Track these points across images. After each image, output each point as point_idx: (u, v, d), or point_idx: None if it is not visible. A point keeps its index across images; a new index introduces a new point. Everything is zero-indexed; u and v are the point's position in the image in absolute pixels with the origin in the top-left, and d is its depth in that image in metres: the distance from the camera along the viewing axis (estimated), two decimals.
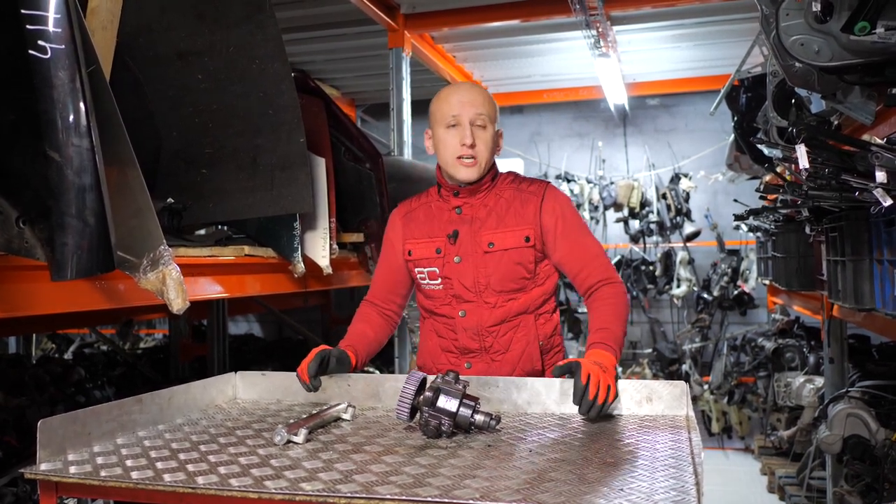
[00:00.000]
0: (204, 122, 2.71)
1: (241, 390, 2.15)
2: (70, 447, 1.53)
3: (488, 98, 2.17)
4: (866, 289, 2.30)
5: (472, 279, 2.12)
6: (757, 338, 5.96)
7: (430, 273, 2.18)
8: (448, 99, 2.14)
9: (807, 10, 2.05)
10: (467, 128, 2.10)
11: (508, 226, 2.12)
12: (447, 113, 2.12)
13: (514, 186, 2.18)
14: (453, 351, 2.19)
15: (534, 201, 2.13)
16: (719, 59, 6.20)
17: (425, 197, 2.28)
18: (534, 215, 2.12)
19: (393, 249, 2.27)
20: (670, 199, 7.06)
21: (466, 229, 2.14)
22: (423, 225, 2.22)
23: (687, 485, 1.26)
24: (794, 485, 4.71)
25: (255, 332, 8.05)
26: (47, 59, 1.44)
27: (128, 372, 4.96)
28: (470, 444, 1.60)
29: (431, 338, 2.25)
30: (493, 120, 2.16)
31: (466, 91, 2.16)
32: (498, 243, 2.11)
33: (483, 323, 2.13)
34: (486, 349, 2.14)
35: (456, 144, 2.10)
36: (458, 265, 2.13)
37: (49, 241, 1.49)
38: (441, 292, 2.17)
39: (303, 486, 1.29)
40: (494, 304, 2.12)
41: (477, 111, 2.11)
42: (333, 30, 5.23)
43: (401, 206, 2.33)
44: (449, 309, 2.17)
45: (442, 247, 2.16)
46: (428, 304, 2.23)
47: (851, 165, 1.89)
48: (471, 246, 2.13)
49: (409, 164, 4.53)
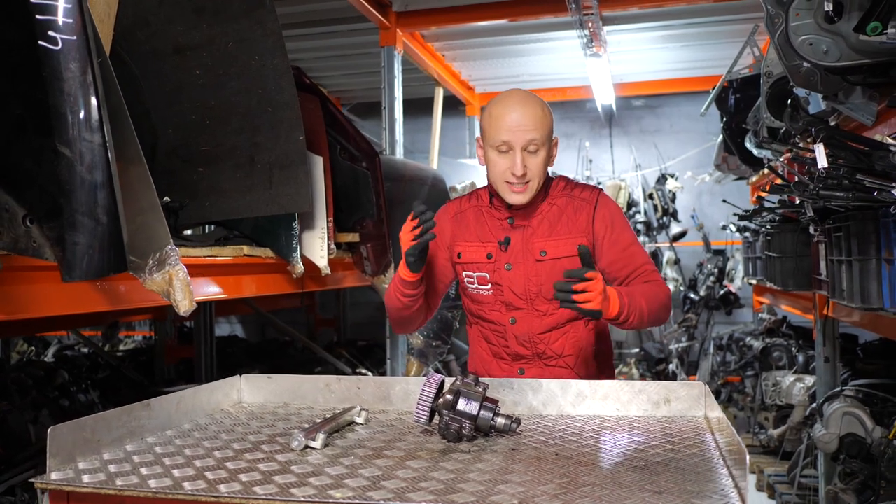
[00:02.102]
0: (201, 119, 2.66)
1: (246, 394, 2.09)
2: (80, 455, 1.47)
3: (543, 116, 2.02)
4: (873, 288, 2.30)
5: (524, 287, 2.08)
6: (744, 337, 5.98)
7: (479, 278, 2.12)
8: (499, 122, 2.00)
9: (817, 10, 2.05)
10: (518, 155, 1.98)
11: (561, 234, 2.07)
12: (497, 137, 2.00)
13: (567, 193, 2.12)
14: (505, 358, 2.15)
15: (586, 209, 2.08)
16: (705, 60, 6.24)
17: (475, 199, 2.20)
18: (587, 223, 2.07)
19: (440, 247, 2.18)
20: (657, 199, 7.09)
21: (518, 236, 2.09)
22: (474, 228, 2.15)
23: (727, 487, 1.24)
24: (784, 483, 4.73)
25: (238, 334, 7.96)
26: (58, 50, 1.39)
27: (112, 375, 4.86)
28: (493, 447, 1.57)
29: (480, 343, 2.21)
30: (548, 138, 2.04)
31: (519, 113, 1.99)
32: (550, 251, 2.06)
33: (533, 330, 2.09)
34: (538, 355, 2.11)
35: (505, 170, 2.01)
36: (509, 272, 2.08)
37: (59, 240, 1.43)
38: (491, 298, 2.12)
39: (332, 493, 1.25)
40: (545, 312, 2.08)
41: (529, 137, 1.98)
42: (322, 27, 5.19)
43: (450, 205, 2.25)
44: (499, 315, 2.12)
45: (493, 252, 2.11)
46: (475, 308, 2.17)
47: (868, 165, 1.88)
48: (522, 254, 2.08)
49: (402, 162, 4.50)
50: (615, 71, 6.33)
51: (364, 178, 3.43)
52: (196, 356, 5.10)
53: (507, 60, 6.20)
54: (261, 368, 5.15)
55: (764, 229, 4.17)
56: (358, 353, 6.13)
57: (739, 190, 6.58)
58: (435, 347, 4.52)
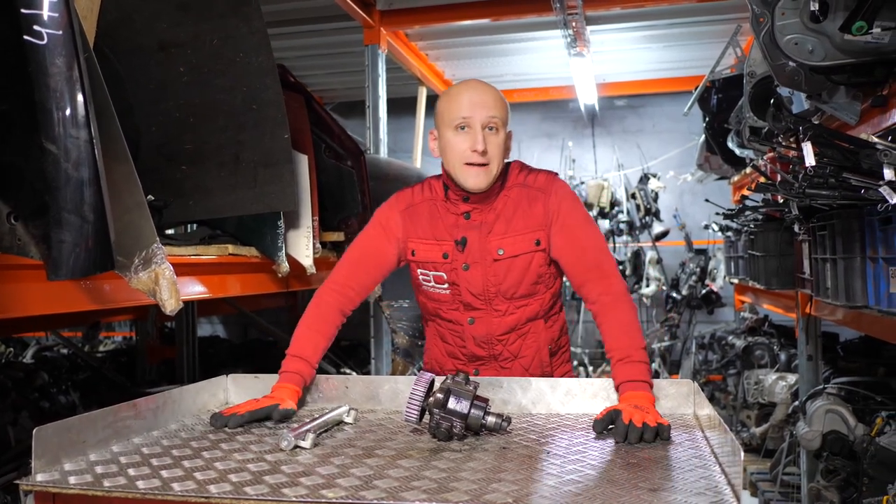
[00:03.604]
0: (185, 117, 2.62)
1: (233, 394, 2.07)
2: (65, 456, 1.44)
3: (501, 98, 2.01)
4: (858, 286, 2.32)
5: (482, 287, 2.02)
6: (727, 336, 6.03)
7: (436, 277, 2.06)
8: (458, 98, 1.97)
9: (803, 9, 2.06)
10: (479, 132, 1.94)
11: (517, 230, 2.01)
12: (457, 114, 1.96)
13: (521, 182, 2.05)
14: (460, 358, 2.11)
15: (541, 199, 2.01)
16: (688, 60, 6.27)
17: (428, 191, 2.11)
18: (542, 215, 2.00)
19: (385, 240, 2.09)
20: (639, 199, 7.13)
21: (475, 235, 2.02)
22: (427, 224, 2.07)
23: (720, 484, 1.24)
24: (767, 481, 4.77)
25: (220, 334, 7.89)
26: (43, 45, 1.36)
27: (92, 376, 4.80)
28: (484, 446, 1.56)
29: (436, 342, 2.17)
30: (506, 122, 2.01)
31: (479, 91, 1.98)
32: (508, 249, 2.00)
33: (493, 332, 2.05)
34: (494, 357, 2.08)
35: (465, 149, 1.95)
36: (467, 273, 2.02)
37: (45, 238, 1.41)
38: (448, 297, 2.06)
39: (324, 492, 1.24)
40: (505, 312, 2.04)
41: (490, 114, 1.95)
42: (305, 25, 5.16)
43: (400, 197, 2.14)
44: (457, 315, 2.07)
45: (450, 252, 2.03)
46: (432, 307, 2.12)
47: (854, 163, 1.90)
48: (480, 253, 2.01)
49: (386, 161, 4.48)
50: (598, 71, 6.34)
51: (349, 176, 3.41)
52: (178, 357, 5.06)
53: (491, 60, 6.20)
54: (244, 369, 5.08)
55: (747, 228, 4.19)
56: (342, 352, 6.09)
57: (721, 189, 6.64)
58: (420, 347, 4.51)
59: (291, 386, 1.89)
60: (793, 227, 3.22)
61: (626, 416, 1.60)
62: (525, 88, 7.00)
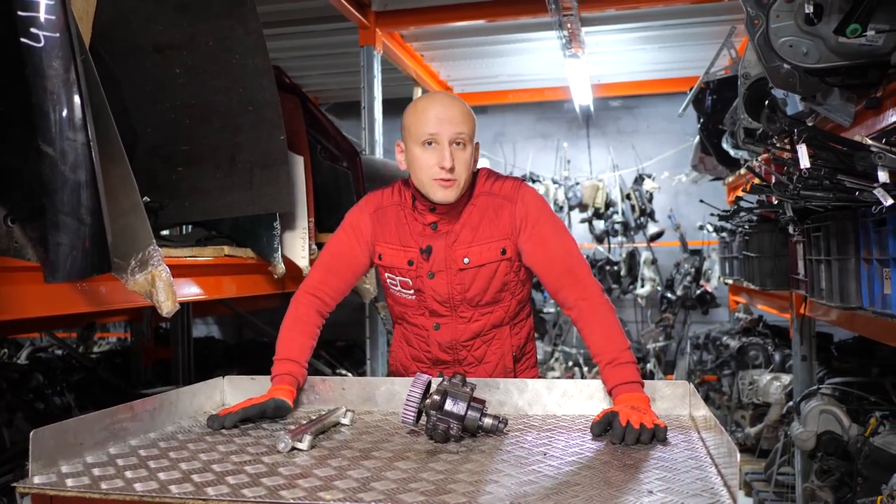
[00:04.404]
0: (181, 119, 2.63)
1: (229, 396, 2.07)
2: (62, 459, 1.44)
3: (468, 113, 1.96)
4: (852, 287, 2.33)
5: (447, 295, 2.01)
6: (721, 336, 6.04)
7: (402, 282, 2.05)
8: (425, 114, 1.93)
9: (797, 11, 2.07)
10: (446, 149, 1.90)
11: (483, 239, 1.99)
12: (423, 130, 1.92)
13: (487, 190, 2.02)
14: (424, 361, 2.12)
15: (507, 207, 1.99)
16: (682, 61, 6.29)
17: (398, 197, 2.08)
18: (508, 224, 1.98)
19: (356, 242, 2.08)
20: (634, 199, 7.15)
21: (441, 244, 2.00)
22: (395, 229, 2.05)
23: (716, 486, 1.25)
24: (762, 481, 4.79)
25: (215, 335, 7.88)
26: (40, 47, 1.36)
27: (87, 377, 4.79)
28: (481, 448, 1.56)
29: (401, 345, 2.17)
30: (473, 136, 1.97)
31: (445, 106, 1.94)
32: (473, 259, 1.99)
33: (458, 338, 2.05)
34: (458, 361, 2.08)
35: (433, 165, 1.91)
36: (432, 280, 2.01)
37: (42, 240, 1.41)
38: (414, 302, 2.07)
39: (321, 494, 1.24)
40: (470, 319, 2.04)
41: (457, 130, 1.91)
42: (300, 26, 5.16)
43: (370, 200, 2.12)
44: (423, 320, 2.08)
45: (415, 259, 2.02)
46: (399, 310, 2.13)
47: (849, 165, 1.91)
48: (445, 262, 2.00)
49: (381, 162, 4.48)
50: (593, 72, 6.36)
51: (345, 177, 3.42)
52: (173, 358, 5.05)
53: (486, 61, 6.21)
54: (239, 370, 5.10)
55: (741, 229, 4.21)
56: (337, 353, 6.10)
57: (716, 190, 6.65)
58: None
59: (285, 387, 1.90)
60: (787, 229, 3.23)
61: (623, 417, 1.61)
62: (520, 89, 7.02)
